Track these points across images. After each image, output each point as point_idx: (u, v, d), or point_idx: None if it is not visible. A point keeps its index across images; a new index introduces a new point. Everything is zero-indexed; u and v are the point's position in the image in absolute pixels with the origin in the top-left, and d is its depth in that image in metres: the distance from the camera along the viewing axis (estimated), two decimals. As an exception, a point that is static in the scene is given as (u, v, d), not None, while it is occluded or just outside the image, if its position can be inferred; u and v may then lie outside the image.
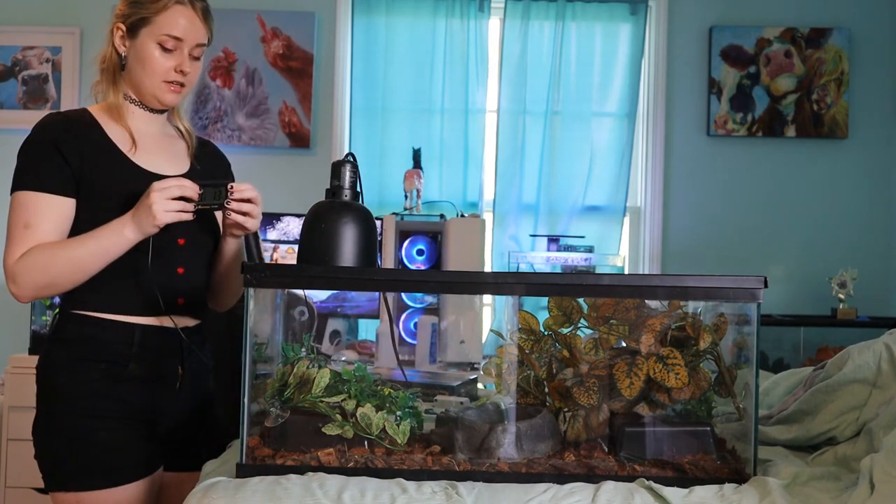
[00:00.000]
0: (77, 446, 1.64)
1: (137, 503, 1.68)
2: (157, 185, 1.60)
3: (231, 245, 1.80)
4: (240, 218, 1.69)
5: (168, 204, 1.59)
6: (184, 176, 1.74)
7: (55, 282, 1.62)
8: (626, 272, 3.64)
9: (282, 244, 3.40)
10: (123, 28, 1.71)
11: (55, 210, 1.63)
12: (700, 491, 1.40)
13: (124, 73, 1.73)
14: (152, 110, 1.77)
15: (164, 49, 1.69)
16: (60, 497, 1.65)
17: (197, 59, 1.74)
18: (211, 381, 1.87)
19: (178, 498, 1.50)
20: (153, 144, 1.76)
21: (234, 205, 1.66)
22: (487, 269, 3.50)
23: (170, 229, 1.64)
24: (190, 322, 1.77)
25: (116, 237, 1.61)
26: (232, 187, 1.66)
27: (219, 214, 1.79)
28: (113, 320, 1.67)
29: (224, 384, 1.87)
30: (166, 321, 1.71)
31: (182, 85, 1.73)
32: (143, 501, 1.69)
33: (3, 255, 1.64)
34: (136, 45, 1.70)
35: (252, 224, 1.71)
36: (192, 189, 1.62)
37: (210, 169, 1.84)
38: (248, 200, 1.68)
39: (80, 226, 1.65)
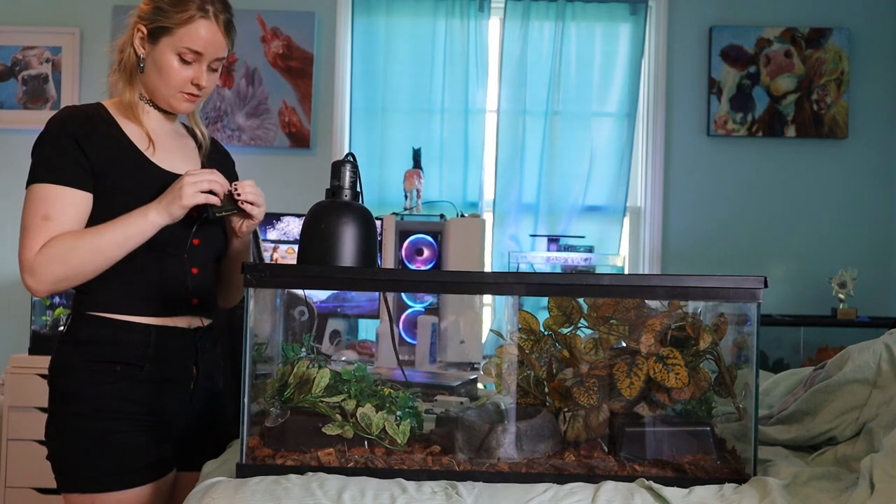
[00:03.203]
0: (93, 448, 1.64)
1: (152, 503, 1.68)
2: (190, 171, 1.64)
3: (240, 242, 1.82)
4: (249, 211, 1.71)
5: (198, 186, 1.63)
6: None
7: (76, 272, 1.61)
8: (626, 272, 3.65)
9: (282, 244, 3.40)
10: (144, 31, 1.69)
11: (74, 204, 1.62)
12: (700, 491, 1.40)
13: (141, 74, 1.72)
14: (166, 112, 1.77)
15: (183, 60, 1.68)
16: (75, 498, 1.65)
17: (215, 70, 1.74)
18: (220, 381, 1.88)
19: None
20: (168, 144, 1.77)
21: (247, 205, 1.70)
22: (487, 269, 3.50)
23: (187, 227, 1.68)
24: (203, 322, 1.78)
25: (141, 221, 1.61)
26: (236, 188, 1.69)
27: None
28: (129, 321, 1.67)
29: (226, 384, 1.87)
30: (180, 322, 1.72)
31: (197, 95, 1.73)
32: (157, 501, 1.70)
33: (18, 249, 1.61)
34: (155, 51, 1.69)
35: (258, 212, 1.74)
36: (220, 184, 1.66)
37: (217, 168, 1.85)
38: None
39: (96, 222, 1.65)
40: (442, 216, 3.10)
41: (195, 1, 1.67)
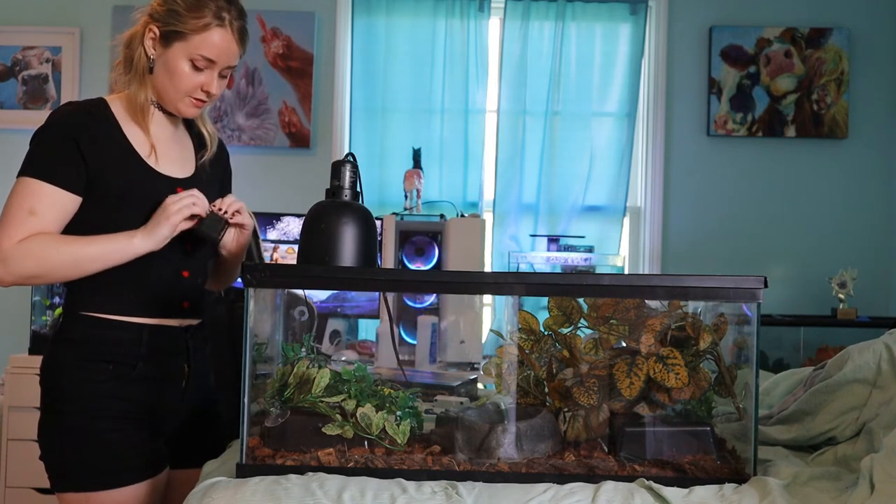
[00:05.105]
0: (86, 447, 1.64)
1: (146, 502, 1.69)
2: (173, 198, 1.64)
3: (229, 253, 1.83)
4: (239, 221, 1.74)
5: (182, 213, 1.64)
6: (190, 179, 1.77)
7: (47, 274, 1.62)
8: (626, 272, 3.64)
9: (282, 244, 3.40)
10: (157, 32, 1.67)
11: (62, 204, 1.62)
12: (700, 491, 1.40)
13: (150, 75, 1.70)
14: (170, 113, 1.76)
15: (195, 67, 1.67)
16: (69, 497, 1.65)
17: (224, 77, 1.73)
18: (211, 378, 1.88)
19: (184, 495, 1.52)
20: (167, 147, 1.76)
21: (237, 216, 1.72)
22: (487, 269, 3.50)
23: (179, 236, 1.68)
24: (193, 321, 1.79)
25: (125, 245, 1.62)
26: (219, 207, 1.71)
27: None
28: (121, 321, 1.67)
29: (224, 384, 1.87)
30: (172, 321, 1.73)
31: (205, 101, 1.73)
32: (152, 500, 1.70)
33: None
34: (167, 54, 1.67)
35: (247, 220, 1.78)
36: (202, 205, 1.67)
37: (213, 172, 1.85)
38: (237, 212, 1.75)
39: (92, 225, 1.64)
40: (442, 216, 3.10)
41: (211, 8, 1.65)
